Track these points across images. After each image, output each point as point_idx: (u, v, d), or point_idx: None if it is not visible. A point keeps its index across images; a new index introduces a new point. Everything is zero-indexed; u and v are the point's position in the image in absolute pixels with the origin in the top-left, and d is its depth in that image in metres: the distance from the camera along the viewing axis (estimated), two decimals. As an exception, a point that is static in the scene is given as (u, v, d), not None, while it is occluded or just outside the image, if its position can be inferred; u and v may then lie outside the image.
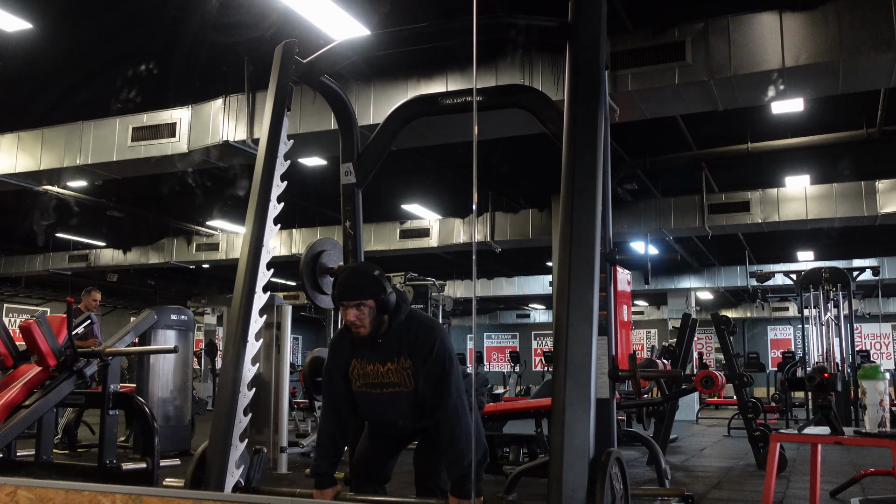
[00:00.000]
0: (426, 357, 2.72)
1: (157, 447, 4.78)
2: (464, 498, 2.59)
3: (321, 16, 5.58)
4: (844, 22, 5.54)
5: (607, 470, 2.35)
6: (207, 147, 7.53)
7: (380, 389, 2.79)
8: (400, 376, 2.77)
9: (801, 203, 10.26)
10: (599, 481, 2.32)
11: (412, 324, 2.79)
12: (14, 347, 5.01)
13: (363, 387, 2.81)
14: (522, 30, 3.07)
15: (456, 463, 2.63)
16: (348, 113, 3.62)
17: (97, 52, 6.76)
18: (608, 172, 2.90)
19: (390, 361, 2.77)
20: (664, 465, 5.19)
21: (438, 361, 2.72)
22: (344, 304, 2.71)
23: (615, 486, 2.41)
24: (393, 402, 2.80)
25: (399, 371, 2.76)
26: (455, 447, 2.64)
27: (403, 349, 2.76)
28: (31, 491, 1.78)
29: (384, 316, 2.74)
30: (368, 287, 2.70)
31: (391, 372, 2.77)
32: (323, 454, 2.82)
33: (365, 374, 2.80)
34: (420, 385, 2.75)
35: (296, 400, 9.89)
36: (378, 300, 2.69)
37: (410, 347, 2.75)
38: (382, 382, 2.78)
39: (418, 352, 2.74)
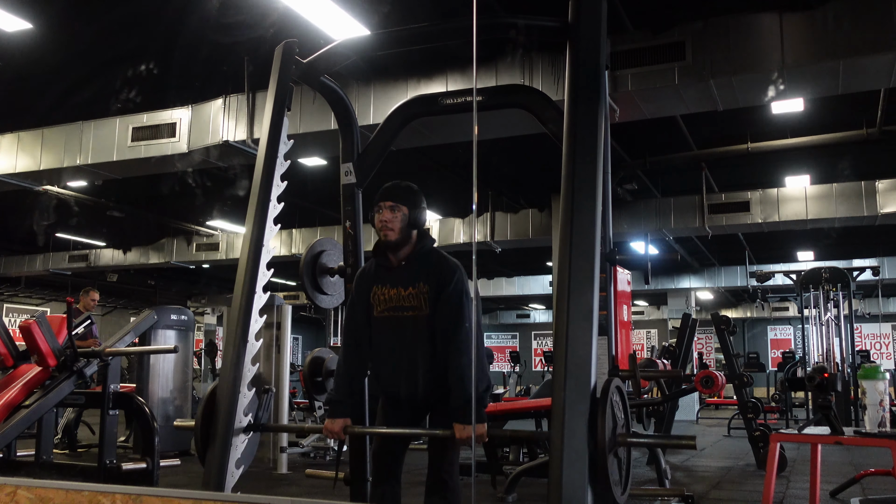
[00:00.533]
0: (446, 285, 2.83)
1: (157, 447, 4.78)
2: (467, 423, 2.68)
3: (321, 16, 5.58)
4: (844, 22, 5.54)
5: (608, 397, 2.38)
6: (207, 147, 7.53)
7: (400, 313, 2.89)
8: (418, 300, 2.86)
9: (801, 203, 10.26)
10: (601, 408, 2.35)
11: (435, 254, 2.94)
12: (14, 347, 5.01)
13: (384, 311, 2.92)
14: (522, 30, 3.07)
15: (460, 390, 2.72)
16: (348, 113, 3.62)
17: (97, 52, 6.76)
18: (608, 172, 2.90)
19: (411, 286, 2.88)
20: (664, 465, 5.20)
21: (456, 291, 2.83)
22: (380, 204, 2.88)
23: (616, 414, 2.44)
24: (411, 326, 2.87)
25: (417, 296, 2.86)
26: (461, 373, 2.74)
27: (423, 275, 2.88)
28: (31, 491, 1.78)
29: (413, 232, 2.91)
30: (407, 194, 2.92)
31: (411, 296, 2.88)
32: (340, 385, 2.94)
33: (387, 299, 2.91)
34: (435, 311, 2.83)
35: (296, 400, 9.90)
36: (412, 209, 2.90)
37: (430, 274, 2.87)
38: (402, 306, 2.89)
39: (438, 279, 2.85)
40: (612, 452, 2.35)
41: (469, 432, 2.67)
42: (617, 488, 2.38)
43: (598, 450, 2.30)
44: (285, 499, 1.62)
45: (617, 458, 2.42)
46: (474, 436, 2.66)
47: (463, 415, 2.69)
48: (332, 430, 2.87)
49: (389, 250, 2.91)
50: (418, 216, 2.92)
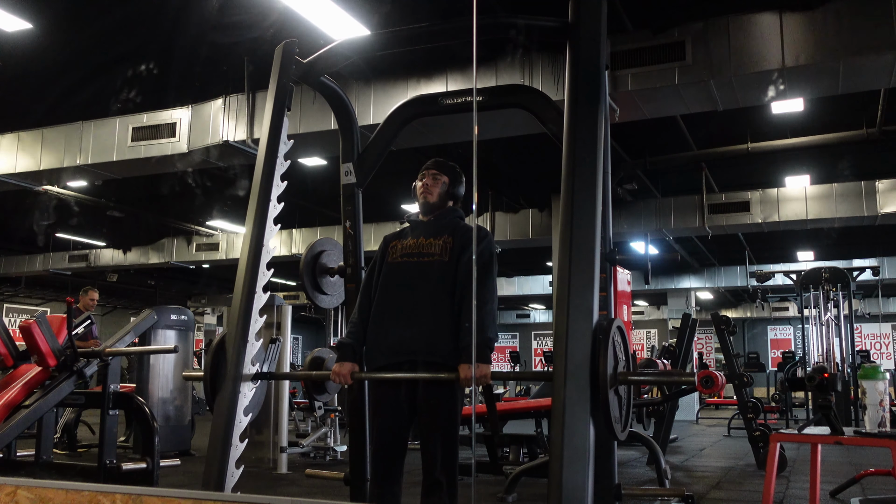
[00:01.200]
0: (476, 241, 2.89)
1: (157, 447, 4.78)
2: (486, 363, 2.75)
3: (321, 16, 5.58)
4: (844, 22, 5.54)
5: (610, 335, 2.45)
6: (207, 147, 7.53)
7: (417, 258, 2.97)
8: (439, 249, 2.96)
9: (801, 203, 10.26)
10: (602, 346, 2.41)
11: (463, 222, 3.09)
12: (14, 347, 5.01)
13: (400, 257, 3.00)
14: (522, 30, 3.07)
15: (484, 330, 2.78)
16: (348, 113, 3.62)
17: (97, 52, 6.76)
18: (608, 172, 2.90)
19: (434, 237, 2.99)
20: (664, 465, 5.19)
21: (487, 251, 2.93)
22: (424, 172, 3.12)
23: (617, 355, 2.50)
24: (426, 270, 2.93)
25: (440, 245, 2.97)
26: (485, 318, 2.79)
27: (449, 229, 3.01)
28: (31, 491, 1.78)
29: (448, 202, 3.09)
30: (450, 168, 3.13)
31: (433, 244, 2.98)
32: (353, 331, 3.01)
33: (405, 247, 3.02)
34: (456, 262, 2.91)
35: (296, 400, 9.89)
36: (452, 179, 3.10)
37: (457, 230, 3.00)
38: (422, 252, 2.97)
39: (464, 236, 2.97)
40: (613, 389, 2.40)
41: (486, 370, 2.75)
42: (617, 425, 2.46)
43: (601, 385, 2.36)
44: (285, 499, 1.62)
45: (618, 396, 2.49)
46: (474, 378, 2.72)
47: (480, 354, 2.75)
48: (339, 374, 2.91)
49: (424, 211, 3.08)
50: (457, 189, 3.11)
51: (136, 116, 7.87)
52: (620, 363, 2.52)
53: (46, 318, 4.82)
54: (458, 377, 2.75)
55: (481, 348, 2.76)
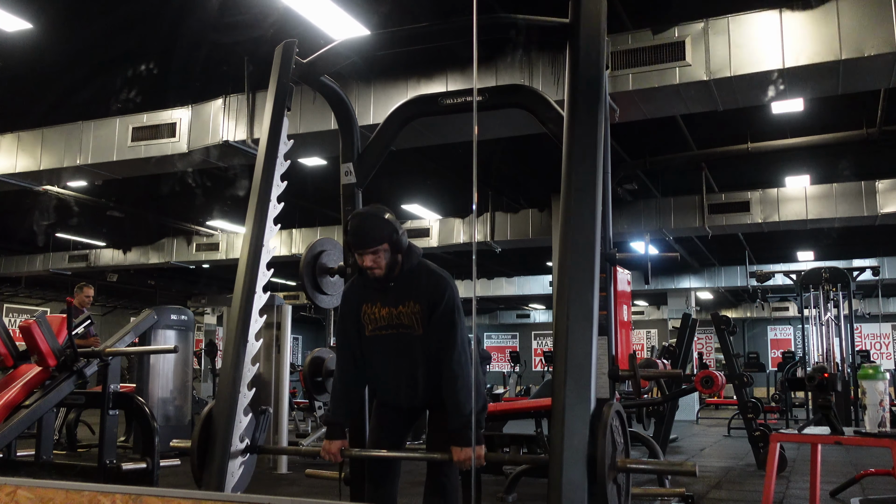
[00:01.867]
0: (437, 304, 2.80)
1: (157, 447, 4.77)
2: (464, 445, 2.66)
3: (321, 16, 5.58)
4: (844, 22, 5.53)
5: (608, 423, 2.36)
6: (207, 147, 7.53)
7: (391, 331, 2.86)
8: (410, 320, 2.84)
9: (801, 203, 10.26)
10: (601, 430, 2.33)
11: (423, 270, 2.88)
12: (14, 347, 5.01)
13: (375, 330, 2.89)
14: (523, 30, 3.07)
15: (457, 412, 2.70)
16: (348, 113, 3.62)
17: (97, 52, 6.76)
18: (608, 172, 2.90)
19: (401, 304, 2.85)
20: (664, 465, 5.18)
21: (448, 310, 2.80)
22: (360, 252, 2.80)
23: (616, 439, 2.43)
24: (404, 344, 2.86)
25: (409, 315, 2.84)
26: (457, 396, 2.71)
27: (413, 293, 2.84)
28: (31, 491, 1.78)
29: (398, 256, 2.84)
30: (381, 231, 2.78)
31: (402, 315, 2.85)
32: (337, 403, 2.91)
33: (377, 318, 2.88)
34: (428, 330, 2.81)
35: (296, 400, 9.90)
36: (391, 242, 2.79)
37: (421, 292, 2.83)
38: (393, 324, 2.86)
39: (428, 298, 2.82)
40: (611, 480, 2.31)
41: (467, 454, 2.66)
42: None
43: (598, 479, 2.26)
44: (285, 499, 1.61)
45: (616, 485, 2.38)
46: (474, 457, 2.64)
47: (460, 438, 2.68)
48: (329, 451, 2.85)
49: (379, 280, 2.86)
50: (399, 243, 2.81)
51: (136, 116, 7.87)
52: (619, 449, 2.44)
53: (46, 318, 4.82)
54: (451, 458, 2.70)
55: (461, 431, 2.68)
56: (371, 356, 2.93)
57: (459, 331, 2.79)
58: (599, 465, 2.26)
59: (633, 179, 10.28)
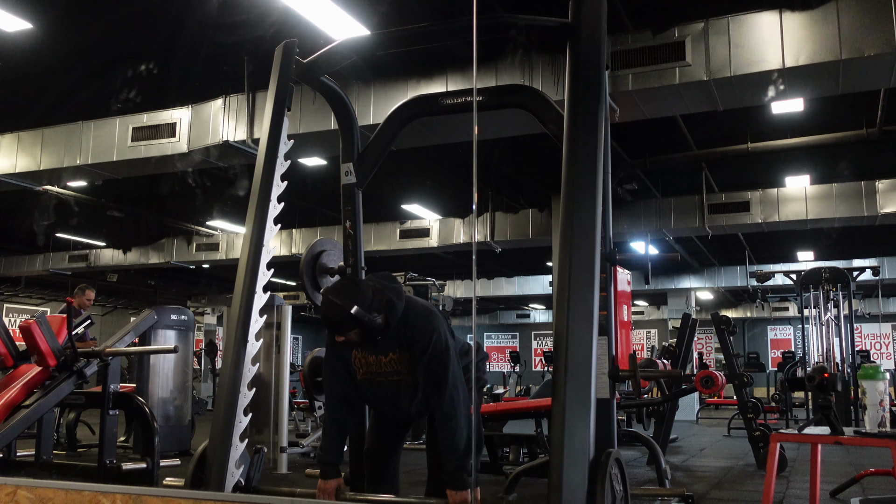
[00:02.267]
0: (423, 350, 2.78)
1: (157, 447, 4.78)
2: (461, 489, 2.64)
3: (321, 16, 5.58)
4: (844, 22, 5.53)
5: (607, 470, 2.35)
6: (207, 147, 7.53)
7: (383, 378, 2.87)
8: (400, 365, 2.85)
9: (801, 203, 10.26)
10: (599, 481, 2.32)
11: (409, 318, 2.82)
12: (14, 347, 5.01)
13: (367, 374, 2.89)
14: (523, 30, 3.07)
15: (452, 454, 2.68)
16: (348, 113, 3.62)
17: (97, 52, 6.75)
18: (608, 172, 2.90)
19: (391, 352, 2.84)
20: (664, 465, 5.19)
21: (435, 355, 2.77)
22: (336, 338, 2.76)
23: (615, 487, 2.40)
24: (397, 389, 2.87)
25: (399, 361, 2.84)
26: (452, 439, 2.69)
27: (401, 343, 2.82)
28: (31, 491, 1.78)
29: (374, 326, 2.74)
30: (348, 322, 2.69)
31: (392, 362, 2.85)
32: (330, 443, 2.91)
33: (367, 364, 2.88)
34: (418, 374, 2.81)
35: (296, 400, 9.89)
36: (362, 326, 2.70)
37: (408, 341, 2.81)
38: (385, 371, 2.86)
39: (415, 345, 2.80)
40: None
41: (463, 497, 2.65)
42: None
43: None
44: (285, 499, 1.62)
45: None
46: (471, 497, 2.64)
47: (456, 481, 2.66)
48: (325, 491, 2.83)
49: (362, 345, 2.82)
50: (370, 315, 2.70)
51: (136, 116, 7.87)
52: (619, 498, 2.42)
53: (46, 318, 4.82)
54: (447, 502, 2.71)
55: (456, 474, 2.67)
56: (365, 395, 2.97)
57: (451, 371, 2.76)
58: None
59: (633, 179, 10.27)
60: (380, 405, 2.98)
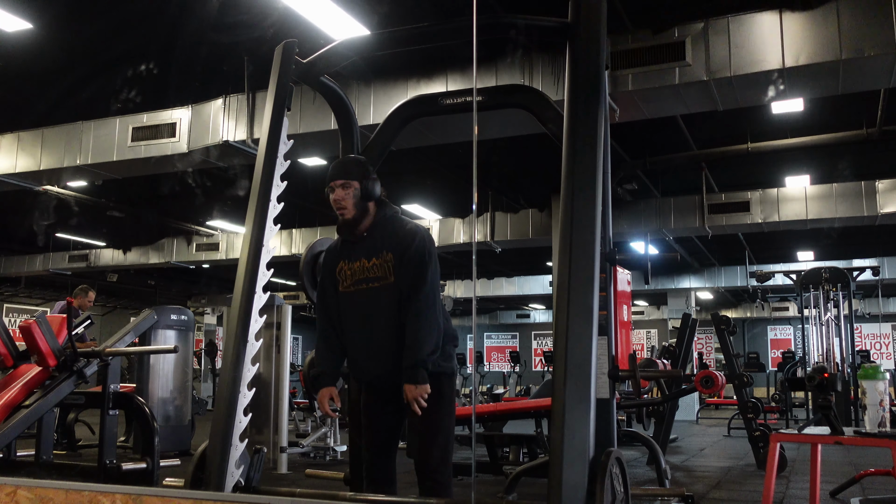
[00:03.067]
0: (407, 247, 2.86)
1: (157, 447, 4.78)
2: (419, 383, 2.72)
3: (321, 16, 5.58)
4: (844, 22, 5.54)
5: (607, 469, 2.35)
6: (207, 147, 7.53)
7: (365, 285, 2.92)
8: (382, 270, 2.90)
9: (801, 203, 10.26)
10: (599, 481, 2.32)
11: (397, 222, 2.97)
12: (14, 347, 5.01)
13: (350, 286, 2.95)
14: (522, 30, 3.07)
15: (415, 349, 2.75)
16: (348, 113, 3.62)
17: (97, 52, 6.76)
18: (608, 172, 2.90)
19: (375, 256, 2.91)
20: (664, 465, 5.19)
21: (418, 252, 2.86)
22: (332, 185, 2.94)
23: (615, 487, 2.40)
24: (377, 297, 2.90)
25: (382, 265, 2.90)
26: (418, 333, 2.77)
27: (387, 243, 2.91)
28: (31, 491, 1.78)
29: (368, 204, 2.93)
30: (354, 168, 2.95)
31: (375, 267, 2.91)
32: (322, 356, 3.00)
33: (352, 273, 2.95)
34: (400, 275, 2.86)
35: (296, 400, 9.89)
36: (362, 182, 2.91)
37: (393, 240, 2.90)
38: (368, 277, 2.92)
39: (400, 243, 2.88)
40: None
41: (421, 391, 2.72)
42: None
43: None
44: (285, 499, 1.62)
45: None
46: None
47: (415, 375, 2.73)
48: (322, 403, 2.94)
49: (349, 226, 2.95)
50: (370, 187, 2.93)
51: (136, 116, 7.87)
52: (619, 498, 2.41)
53: (46, 318, 4.82)
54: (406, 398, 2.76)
55: (415, 368, 2.73)
56: (344, 314, 2.99)
57: (430, 273, 2.83)
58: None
59: (633, 179, 10.27)
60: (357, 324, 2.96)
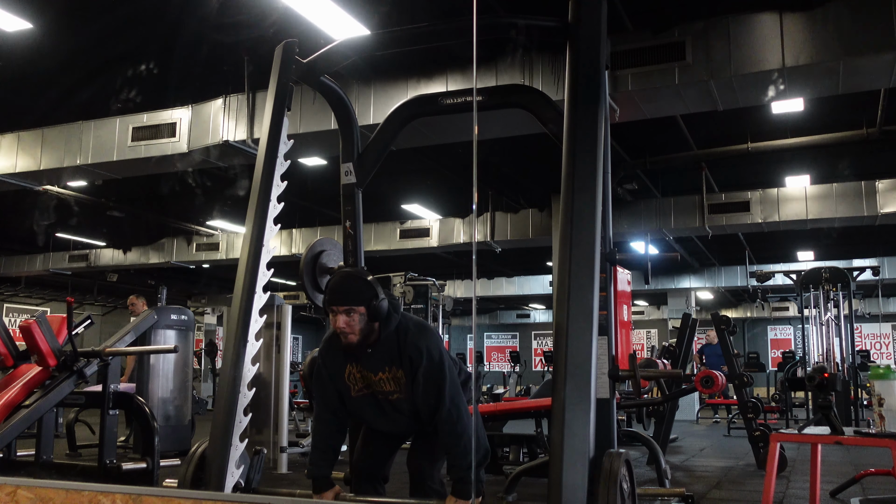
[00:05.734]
0: (417, 367, 2.70)
1: (157, 447, 4.78)
2: (464, 498, 2.60)
3: (321, 16, 5.58)
4: (844, 22, 5.54)
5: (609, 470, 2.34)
6: (207, 147, 7.53)
7: (381, 395, 2.80)
8: (393, 385, 2.77)
9: (801, 203, 10.26)
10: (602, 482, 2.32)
11: (401, 333, 2.74)
12: (14, 347, 5.01)
13: (362, 390, 2.81)
14: (522, 30, 3.07)
15: (456, 464, 2.64)
16: (348, 113, 3.62)
17: (97, 52, 6.76)
18: (608, 172, 2.90)
19: (381, 371, 2.75)
20: (664, 465, 5.19)
21: (431, 369, 2.70)
22: (334, 309, 2.65)
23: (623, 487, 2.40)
24: (392, 407, 2.81)
25: (392, 380, 2.76)
26: (455, 449, 2.65)
27: (394, 359, 2.73)
28: (31, 491, 1.78)
29: (374, 324, 2.70)
30: (360, 293, 2.64)
31: (384, 381, 2.76)
32: (319, 457, 2.81)
33: (364, 379, 2.79)
34: (415, 393, 2.74)
35: (296, 400, 9.88)
36: (369, 307, 2.64)
37: (401, 358, 2.73)
38: (381, 390, 2.79)
39: (409, 362, 2.72)
40: None
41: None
42: None
43: None
44: (285, 499, 1.62)
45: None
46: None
47: (461, 491, 2.62)
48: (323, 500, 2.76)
49: (353, 349, 2.72)
50: (377, 308, 2.65)
51: (136, 116, 7.87)
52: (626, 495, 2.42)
53: (46, 318, 4.82)
54: None
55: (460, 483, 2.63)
56: (358, 413, 2.87)
57: (448, 383, 2.69)
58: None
59: (633, 179, 10.27)
60: (376, 423, 2.90)
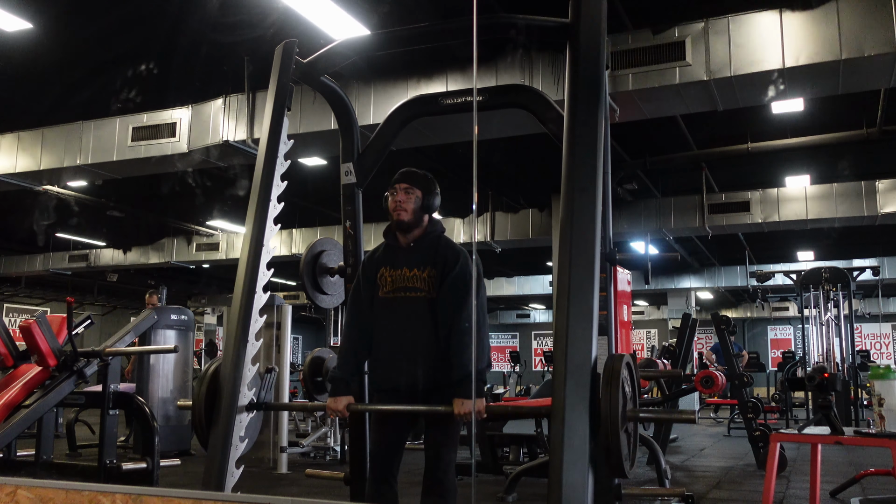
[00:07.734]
0: (451, 269, 2.88)
1: (157, 447, 4.78)
2: (466, 398, 2.71)
3: (321, 16, 5.59)
4: (844, 22, 5.54)
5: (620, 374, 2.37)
6: (207, 147, 7.53)
7: (404, 293, 2.93)
8: (424, 283, 2.91)
9: (801, 203, 10.26)
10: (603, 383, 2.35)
11: (444, 240, 3.02)
12: (14, 347, 5.01)
13: (390, 292, 2.95)
14: (522, 30, 3.07)
15: (461, 366, 2.77)
16: (348, 113, 3.62)
17: (97, 52, 6.76)
18: (608, 172, 2.91)
19: (417, 268, 2.93)
20: (664, 464, 5.20)
21: (461, 275, 2.88)
22: (396, 186, 2.98)
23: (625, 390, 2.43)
24: (415, 307, 2.91)
25: (424, 279, 2.92)
26: (462, 350, 2.78)
27: (430, 258, 2.93)
28: (31, 491, 1.78)
29: (424, 216, 2.99)
30: (423, 179, 3.01)
31: (416, 278, 2.92)
32: (343, 361, 2.98)
33: (393, 279, 2.95)
34: (441, 294, 2.87)
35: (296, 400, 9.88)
36: (425, 193, 2.98)
37: (437, 258, 2.93)
38: (408, 287, 2.93)
39: (444, 263, 2.91)
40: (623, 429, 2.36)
41: (468, 407, 2.70)
42: (626, 462, 2.42)
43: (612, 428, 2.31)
44: (285, 499, 1.62)
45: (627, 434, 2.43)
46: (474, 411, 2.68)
47: (462, 390, 2.72)
48: (335, 409, 2.89)
49: (400, 231, 2.98)
50: (431, 201, 3.00)
51: (136, 116, 7.87)
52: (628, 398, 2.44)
53: (46, 318, 4.82)
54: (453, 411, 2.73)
55: (462, 383, 2.72)
56: (381, 321, 2.97)
57: (471, 297, 2.82)
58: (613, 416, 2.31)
59: (633, 179, 10.28)
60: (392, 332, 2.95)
